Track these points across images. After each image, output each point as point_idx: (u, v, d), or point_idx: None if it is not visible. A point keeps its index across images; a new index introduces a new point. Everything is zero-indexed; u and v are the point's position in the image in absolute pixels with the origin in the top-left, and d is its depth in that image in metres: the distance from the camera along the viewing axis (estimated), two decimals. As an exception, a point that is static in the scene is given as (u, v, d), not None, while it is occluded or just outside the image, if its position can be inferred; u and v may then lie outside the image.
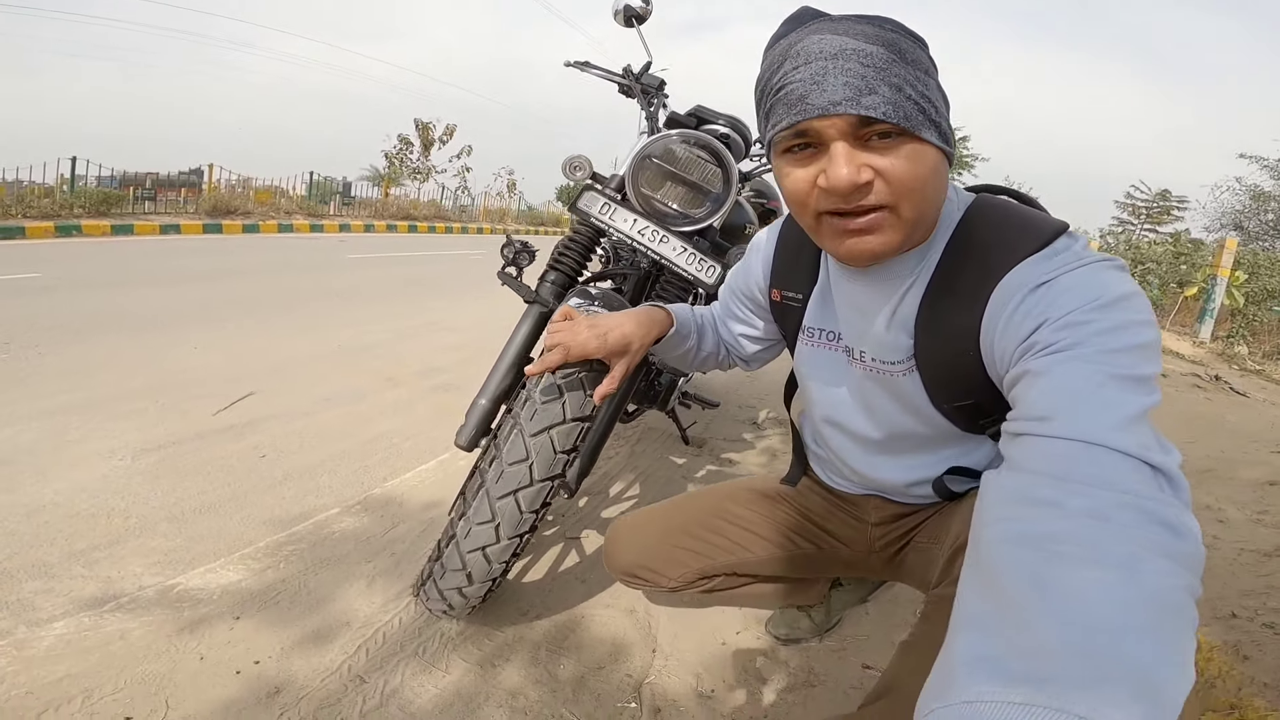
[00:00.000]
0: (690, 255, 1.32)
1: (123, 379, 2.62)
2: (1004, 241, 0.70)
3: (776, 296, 0.95)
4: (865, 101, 0.61)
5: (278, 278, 5.66)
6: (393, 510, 1.75)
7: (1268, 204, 15.62)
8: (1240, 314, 8.74)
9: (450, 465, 2.06)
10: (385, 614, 1.30)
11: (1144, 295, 0.62)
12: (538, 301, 1.42)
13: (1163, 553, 0.41)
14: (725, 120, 1.48)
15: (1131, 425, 0.50)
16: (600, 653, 1.26)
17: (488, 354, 1.44)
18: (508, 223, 20.54)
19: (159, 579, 1.38)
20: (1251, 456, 2.53)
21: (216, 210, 11.13)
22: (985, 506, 0.49)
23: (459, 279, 6.84)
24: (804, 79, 0.63)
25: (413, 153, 20.41)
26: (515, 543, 1.08)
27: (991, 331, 0.68)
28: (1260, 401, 4.40)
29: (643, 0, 1.56)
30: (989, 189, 0.82)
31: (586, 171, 1.41)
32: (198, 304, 4.16)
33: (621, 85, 1.68)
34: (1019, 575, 0.41)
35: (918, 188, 0.65)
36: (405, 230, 14.59)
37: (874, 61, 0.62)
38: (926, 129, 0.64)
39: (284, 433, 2.23)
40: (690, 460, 2.27)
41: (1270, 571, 1.48)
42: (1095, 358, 0.55)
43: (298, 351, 3.26)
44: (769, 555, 1.07)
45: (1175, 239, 13.23)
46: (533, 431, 1.05)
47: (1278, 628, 1.26)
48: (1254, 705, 1.05)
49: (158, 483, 1.80)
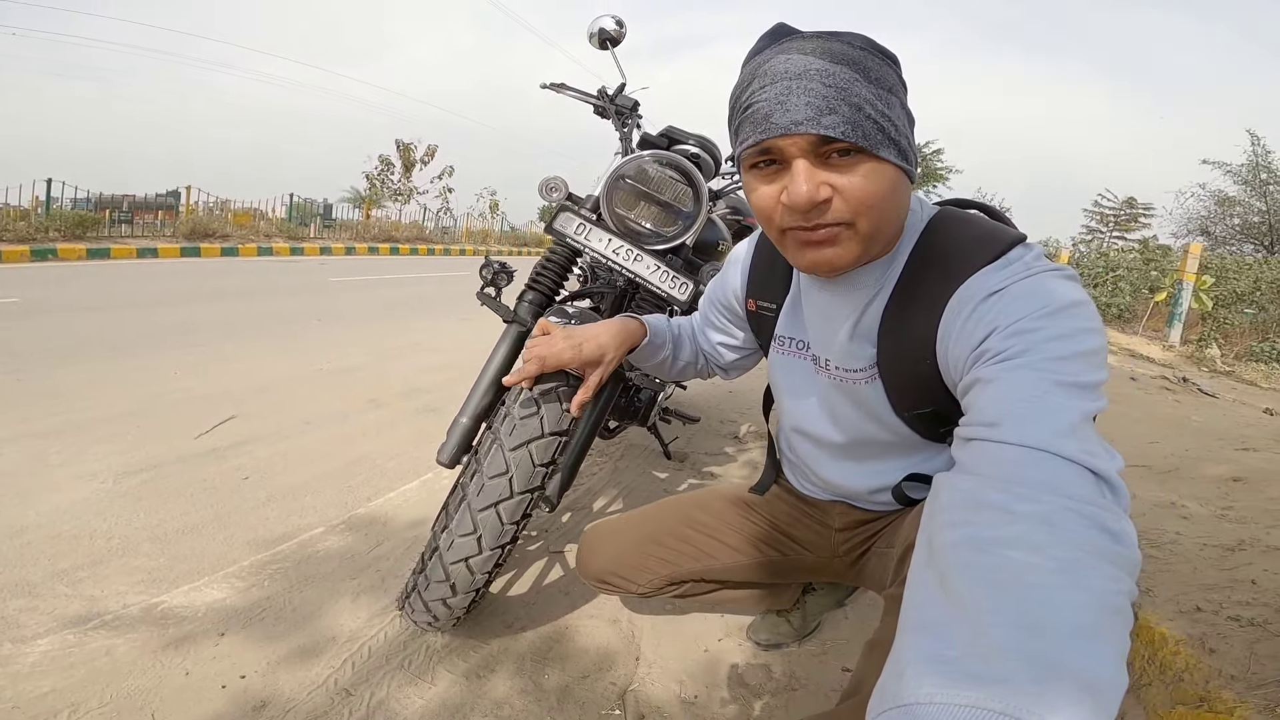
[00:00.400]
0: (664, 273, 1.36)
1: (103, 403, 2.61)
2: (961, 253, 0.72)
3: (752, 306, 0.98)
4: (825, 121, 0.64)
5: (258, 301, 5.64)
6: (377, 529, 1.76)
7: (1233, 209, 16.00)
8: (1210, 317, 8.97)
9: (433, 484, 2.08)
10: (371, 628, 1.31)
11: (1091, 303, 0.64)
12: (516, 321, 1.44)
13: (1104, 557, 0.43)
14: (695, 140, 1.52)
15: (1076, 432, 0.52)
16: (585, 662, 1.28)
17: (470, 375, 1.47)
18: (490, 244, 20.57)
19: (143, 597, 1.38)
20: (1216, 454, 2.60)
21: (195, 233, 11.07)
22: (938, 509, 0.50)
23: (441, 300, 6.84)
24: (769, 98, 0.66)
25: (394, 174, 20.46)
26: (497, 553, 1.11)
27: (946, 340, 0.70)
28: (1230, 402, 4.52)
29: (616, 24, 1.59)
30: (958, 203, 0.85)
31: (562, 192, 1.43)
32: (177, 328, 4.14)
33: (597, 107, 1.71)
34: (968, 578, 0.42)
35: (875, 204, 0.68)
36: (387, 252, 14.58)
37: (836, 81, 0.64)
38: (885, 147, 0.66)
39: (267, 455, 2.23)
40: (673, 474, 2.30)
41: (1233, 566, 1.52)
42: (1042, 365, 0.57)
43: (279, 374, 3.26)
44: (734, 562, 1.11)
45: (1143, 245, 13.56)
46: (512, 446, 1.09)
47: (1242, 621, 1.28)
48: (1222, 698, 1.07)
49: (140, 504, 1.80)
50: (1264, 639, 1.19)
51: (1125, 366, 5.75)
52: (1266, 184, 15.01)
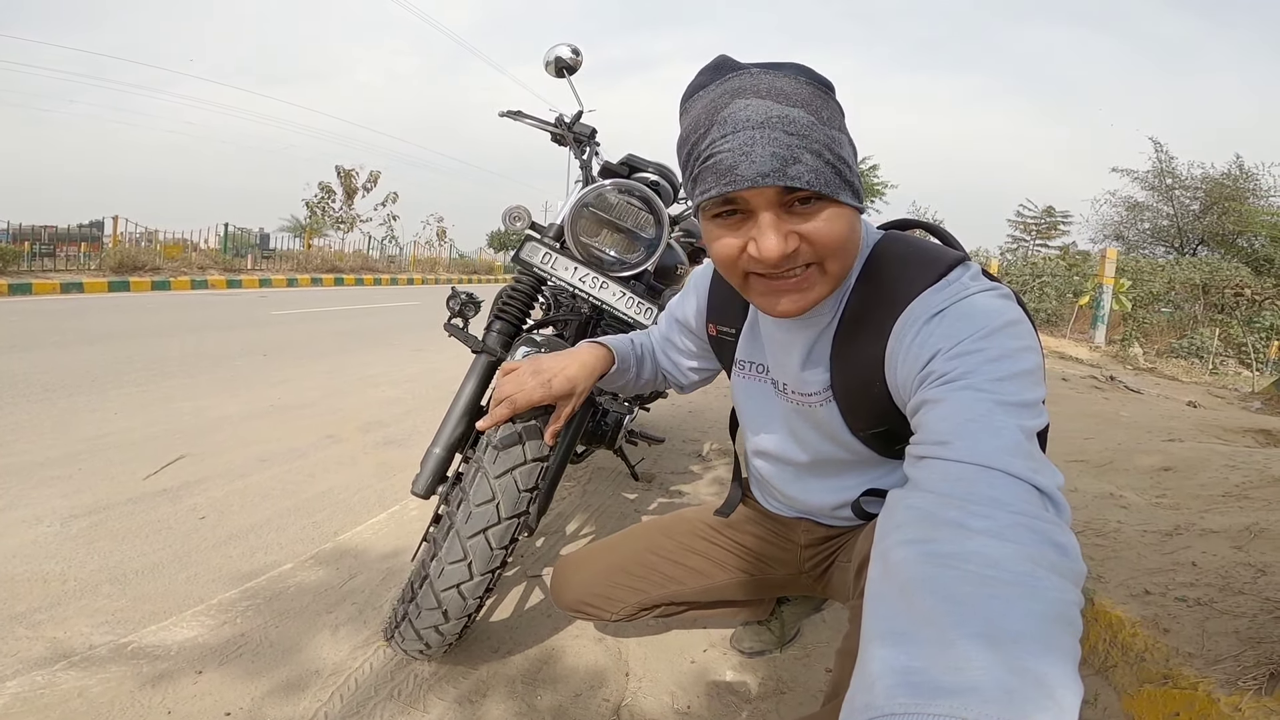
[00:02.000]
0: (629, 299, 1.38)
1: (40, 446, 2.47)
2: (904, 277, 0.75)
3: (713, 331, 1.01)
4: (791, 172, 0.64)
5: (197, 337, 5.42)
6: (348, 562, 1.72)
7: (1142, 214, 17.12)
8: (1130, 318, 9.56)
9: (402, 516, 2.04)
10: (355, 660, 1.29)
11: (1026, 321, 0.68)
12: (485, 351, 1.44)
13: (1054, 570, 0.45)
14: (655, 168, 1.55)
15: (1021, 449, 0.54)
16: (575, 681, 1.28)
17: (430, 407, 1.47)
18: (439, 272, 20.24)
19: (109, 637, 1.33)
20: (1146, 446, 2.76)
21: (123, 266, 10.56)
22: (894, 525, 0.51)
23: (392, 331, 6.71)
24: (732, 149, 0.65)
25: (335, 201, 20.00)
26: (488, 578, 1.11)
27: (894, 362, 0.73)
28: (1155, 397, 4.81)
29: (572, 52, 1.61)
30: (901, 224, 0.89)
31: (526, 221, 1.44)
32: (112, 366, 3.95)
33: (554, 134, 1.71)
34: (930, 591, 0.43)
35: (840, 246, 0.70)
36: (331, 283, 14.21)
37: (797, 129, 0.65)
38: (843, 191, 0.68)
39: (222, 494, 2.15)
40: (641, 495, 2.33)
41: (1173, 549, 1.62)
42: (985, 386, 0.59)
43: (227, 412, 3.14)
44: (701, 585, 1.14)
45: (1064, 252, 14.33)
46: (496, 474, 1.10)
47: (1189, 601, 1.35)
48: (1184, 674, 1.13)
49: (93, 546, 1.73)
50: (1212, 617, 1.27)
51: (1056, 368, 6.06)
52: (1171, 189, 16.14)
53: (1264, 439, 3.22)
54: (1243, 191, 14.91)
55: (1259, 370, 8.02)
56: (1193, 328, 9.81)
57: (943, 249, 0.79)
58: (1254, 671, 1.08)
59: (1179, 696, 1.11)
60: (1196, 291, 10.65)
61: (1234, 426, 3.42)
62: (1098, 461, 2.52)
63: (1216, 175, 15.39)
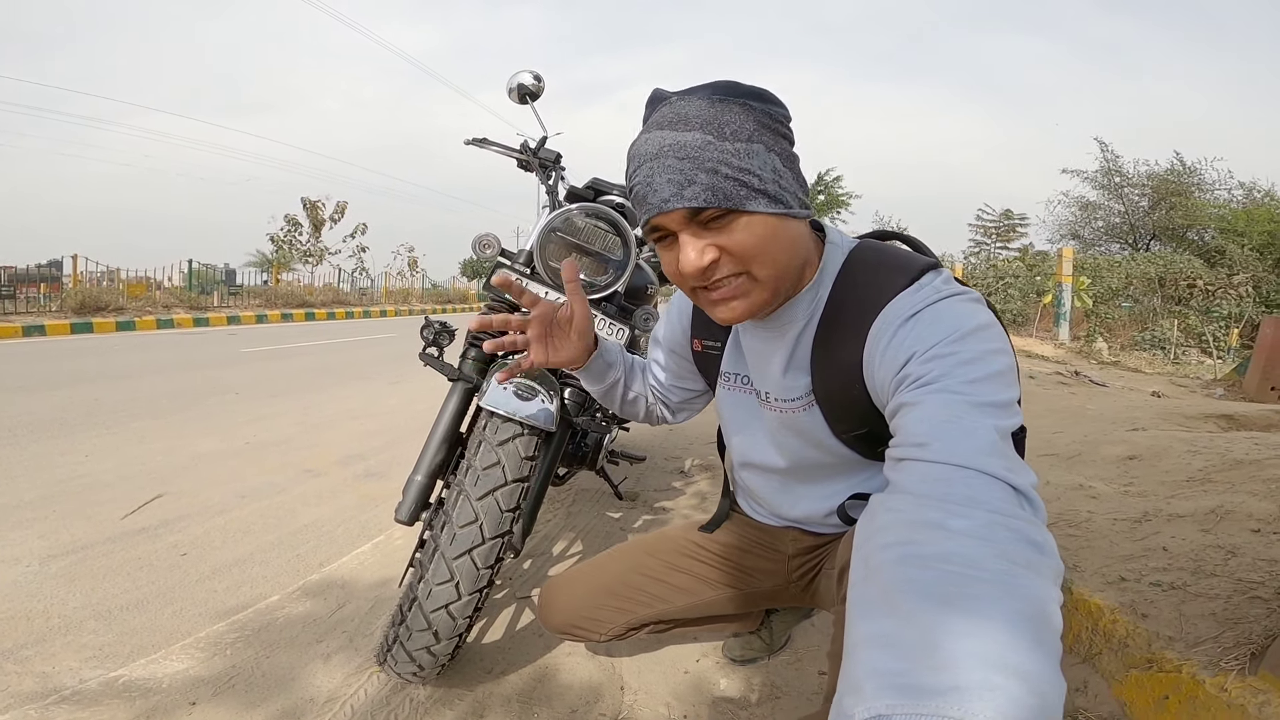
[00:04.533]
0: (600, 320, 1.40)
1: (13, 490, 2.43)
2: (878, 281, 0.77)
3: (698, 346, 1.03)
4: (687, 194, 0.68)
5: (166, 377, 5.31)
6: (336, 592, 1.71)
7: (1095, 212, 17.64)
8: (1092, 314, 9.82)
9: (387, 546, 2.03)
10: (349, 687, 1.29)
11: (997, 324, 0.70)
12: (461, 378, 1.44)
13: (1033, 568, 0.45)
14: (620, 190, 1.56)
15: (996, 450, 0.55)
16: (571, 698, 1.29)
17: (410, 438, 1.48)
18: (413, 303, 20.05)
19: (99, 672, 1.32)
20: (1112, 437, 2.85)
21: (85, 307, 10.32)
22: (876, 528, 0.51)
23: (367, 365, 6.64)
24: (641, 181, 0.71)
25: (302, 234, 19.73)
26: (475, 598, 1.13)
27: (871, 364, 0.75)
28: (1120, 389, 4.95)
29: (534, 79, 1.61)
30: (879, 235, 0.92)
31: (496, 249, 1.44)
32: (81, 409, 3.86)
33: (520, 160, 1.72)
34: (912, 593, 0.43)
35: (759, 253, 0.72)
36: (302, 318, 14.03)
37: (688, 152, 0.68)
38: (752, 200, 0.69)
39: (203, 530, 2.12)
40: (626, 513, 2.34)
41: (1144, 536, 1.67)
42: (960, 388, 0.61)
43: (202, 450, 3.10)
44: (688, 602, 1.15)
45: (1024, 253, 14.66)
46: (478, 495, 1.12)
47: (1164, 586, 1.39)
48: (1168, 658, 1.15)
49: (75, 585, 1.71)
50: (1188, 600, 1.31)
51: (1024, 366, 6.20)
52: (1120, 186, 16.69)
53: (1225, 424, 3.34)
54: (1187, 186, 15.46)
55: (1220, 358, 8.29)
56: (1153, 321, 10.12)
57: (915, 255, 0.81)
58: (1235, 652, 1.11)
59: (1166, 680, 1.14)
60: (1153, 285, 11.01)
61: (1195, 414, 3.54)
62: (1066, 454, 2.59)
63: (1161, 172, 15.95)
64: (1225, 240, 12.52)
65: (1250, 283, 10.53)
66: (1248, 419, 3.40)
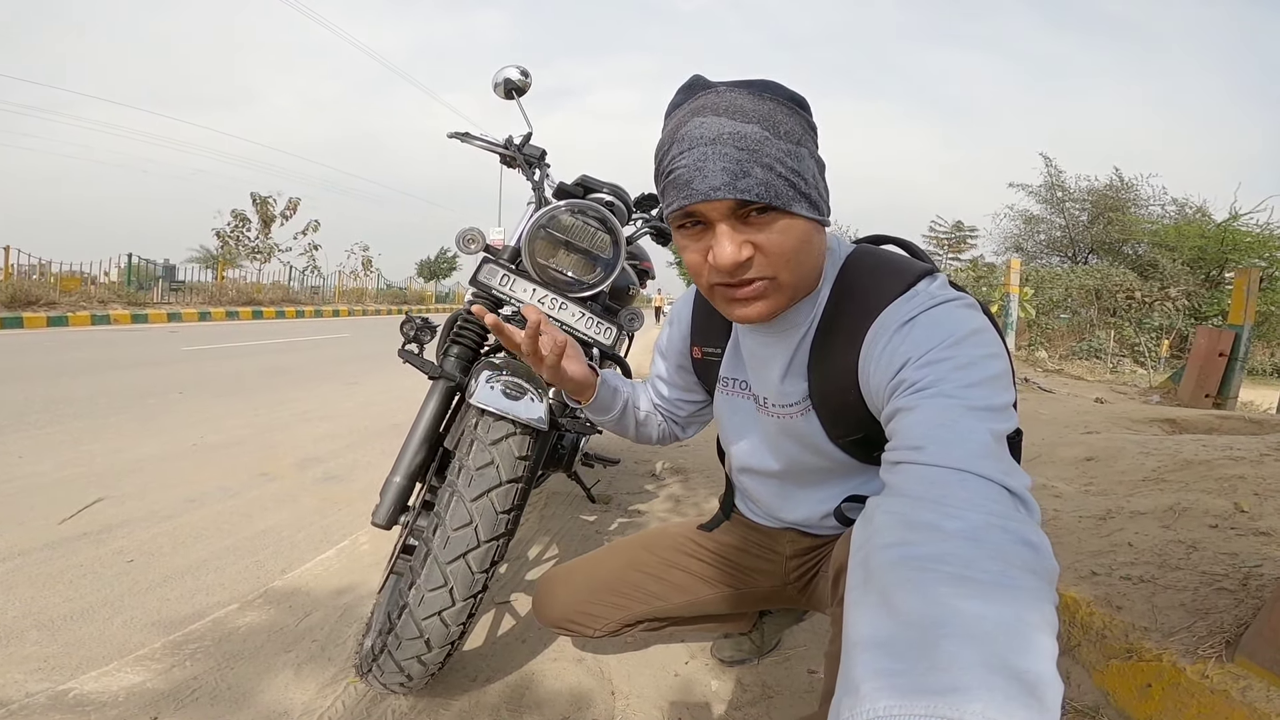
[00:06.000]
0: (589, 319, 1.37)
1: (-66, 499, 2.23)
2: (875, 287, 0.77)
3: (698, 354, 1.02)
4: (740, 185, 0.67)
5: (103, 376, 5.03)
6: (300, 600, 1.63)
7: (1038, 226, 18.37)
8: (1034, 324, 10.22)
9: (353, 552, 1.95)
10: (324, 700, 1.21)
11: (991, 329, 0.70)
12: (443, 376, 1.40)
13: (1028, 569, 0.45)
14: (609, 189, 1.55)
15: (991, 453, 0.56)
16: (561, 704, 1.25)
17: (371, 441, 1.42)
18: (366, 302, 19.56)
19: (46, 685, 1.23)
20: (1068, 439, 2.96)
21: (15, 301, 9.72)
22: (873, 531, 0.51)
23: (321, 366, 6.42)
24: (688, 165, 0.69)
25: (250, 230, 19.04)
26: (470, 604, 1.08)
27: (867, 369, 0.75)
28: (1066, 395, 5.15)
29: (521, 74, 1.58)
30: (875, 239, 0.92)
31: (480, 244, 1.41)
32: (11, 409, 3.61)
33: (504, 156, 1.68)
34: (909, 594, 0.43)
35: (792, 258, 0.72)
36: (249, 317, 13.52)
37: (748, 144, 0.68)
38: (797, 203, 0.70)
39: (149, 536, 2.00)
40: (600, 516, 2.31)
41: (1109, 532, 1.73)
42: (955, 392, 0.61)
43: (146, 453, 2.93)
44: (684, 600, 1.14)
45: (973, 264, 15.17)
46: (472, 497, 1.08)
47: (1133, 579, 1.43)
48: (1146, 648, 1.19)
49: (12, 593, 1.59)
50: (1158, 592, 1.35)
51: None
52: (1062, 201, 17.44)
53: (1170, 427, 3.50)
54: (1124, 201, 16.28)
55: (1153, 368, 8.72)
56: (1090, 331, 10.60)
57: (911, 260, 0.82)
58: (1209, 640, 1.15)
59: (1147, 669, 1.17)
60: (1091, 297, 11.53)
61: (1141, 418, 3.69)
62: (1027, 456, 2.67)
63: (1100, 187, 16.73)
64: (1158, 254, 13.19)
65: (1184, 296, 11.12)
66: (1189, 422, 3.57)
